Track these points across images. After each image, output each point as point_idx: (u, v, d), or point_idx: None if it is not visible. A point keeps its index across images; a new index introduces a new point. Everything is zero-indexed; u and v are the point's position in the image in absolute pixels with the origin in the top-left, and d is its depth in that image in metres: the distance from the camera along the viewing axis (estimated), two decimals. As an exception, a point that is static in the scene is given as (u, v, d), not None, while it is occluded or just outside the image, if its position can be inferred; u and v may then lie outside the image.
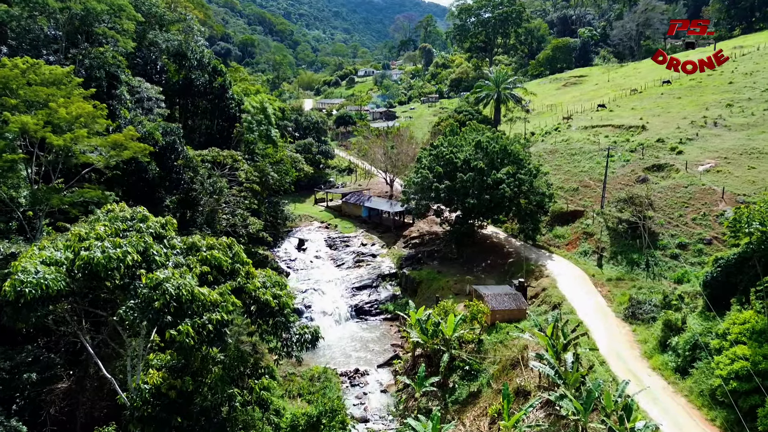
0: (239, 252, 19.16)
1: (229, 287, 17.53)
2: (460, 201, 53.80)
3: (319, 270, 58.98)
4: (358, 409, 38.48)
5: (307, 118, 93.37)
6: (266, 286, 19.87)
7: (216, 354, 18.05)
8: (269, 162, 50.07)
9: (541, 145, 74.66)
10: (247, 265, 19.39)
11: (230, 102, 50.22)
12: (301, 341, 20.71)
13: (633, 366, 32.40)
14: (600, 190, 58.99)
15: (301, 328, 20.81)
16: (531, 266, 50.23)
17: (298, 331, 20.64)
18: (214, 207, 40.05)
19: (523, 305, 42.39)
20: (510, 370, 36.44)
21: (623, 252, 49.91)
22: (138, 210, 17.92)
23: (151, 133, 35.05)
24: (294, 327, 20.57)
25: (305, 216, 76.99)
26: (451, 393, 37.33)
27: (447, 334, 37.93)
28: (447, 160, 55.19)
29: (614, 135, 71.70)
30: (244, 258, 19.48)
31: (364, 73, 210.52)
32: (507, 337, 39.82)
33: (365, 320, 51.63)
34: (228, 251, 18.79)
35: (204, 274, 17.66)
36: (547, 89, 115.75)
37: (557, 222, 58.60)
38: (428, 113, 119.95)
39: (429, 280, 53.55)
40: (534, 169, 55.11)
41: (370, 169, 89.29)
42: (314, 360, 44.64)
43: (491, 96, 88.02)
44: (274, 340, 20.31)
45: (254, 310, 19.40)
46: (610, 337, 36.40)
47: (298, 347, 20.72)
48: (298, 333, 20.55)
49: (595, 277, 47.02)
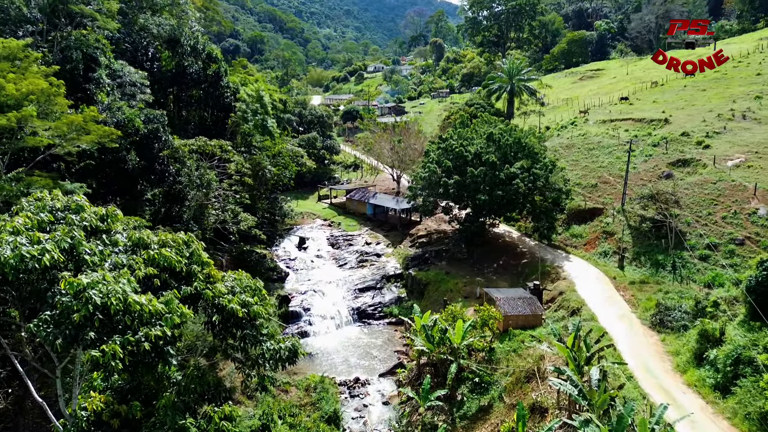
0: (198, 251, 15.83)
1: (178, 294, 14.24)
2: (471, 197, 50.24)
3: (320, 270, 55.72)
4: (356, 423, 35.15)
5: (311, 111, 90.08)
6: (233, 292, 16.58)
7: (173, 373, 14.89)
8: (266, 155, 46.87)
9: (556, 140, 70.86)
10: (207, 267, 16.04)
11: (225, 91, 47.11)
12: (276, 358, 17.35)
13: (665, 381, 28.71)
14: (620, 186, 55.18)
15: (276, 343, 17.41)
16: (546, 268, 46.58)
17: (273, 346, 17.24)
18: (202, 202, 36.93)
19: (538, 310, 38.82)
20: (524, 384, 32.90)
21: (647, 253, 46.19)
22: (74, 199, 14.74)
23: (131, 120, 32.00)
24: (267, 341, 17.21)
25: (307, 213, 73.80)
26: (459, 407, 33.88)
27: (455, 342, 34.48)
28: (457, 153, 51.65)
29: (635, 129, 67.76)
30: (204, 258, 16.13)
31: (373, 69, 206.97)
32: (521, 346, 36.30)
33: (368, 324, 48.27)
34: (184, 249, 15.50)
35: (149, 278, 14.43)
36: (563, 83, 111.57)
37: (574, 220, 54.87)
38: (438, 108, 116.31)
39: (437, 281, 50.07)
40: (550, 163, 51.41)
41: (376, 165, 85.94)
42: (312, 368, 41.37)
43: (504, 88, 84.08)
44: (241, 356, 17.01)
45: (216, 321, 16.11)
46: (637, 348, 32.70)
47: (271, 366, 17.36)
48: (273, 348, 17.13)
49: (616, 280, 43.36)
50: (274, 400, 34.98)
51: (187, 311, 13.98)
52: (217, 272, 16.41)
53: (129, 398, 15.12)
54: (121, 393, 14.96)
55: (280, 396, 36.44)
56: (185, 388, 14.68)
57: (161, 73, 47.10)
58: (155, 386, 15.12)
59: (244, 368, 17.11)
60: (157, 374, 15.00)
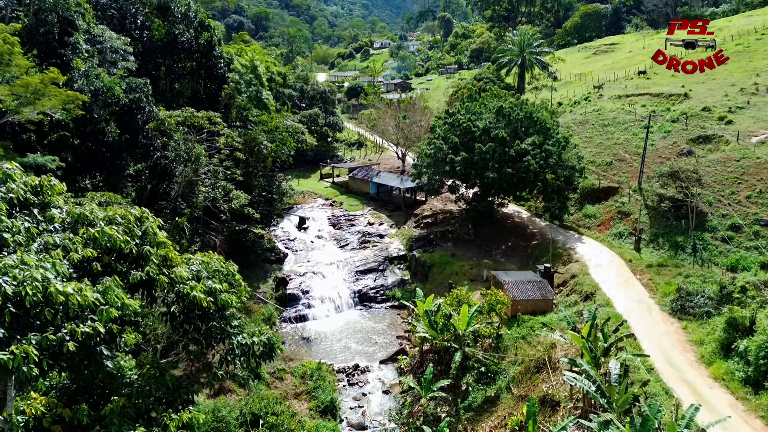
0: (152, 229, 13.40)
1: (120, 282, 11.87)
2: (478, 175, 47.54)
3: (320, 251, 53.47)
4: (355, 414, 33.16)
5: (313, 87, 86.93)
6: (198, 278, 14.21)
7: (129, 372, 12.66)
8: (262, 130, 44.28)
9: (569, 116, 67.69)
10: (163, 248, 13.61)
11: (218, 61, 44.35)
12: (248, 354, 15.01)
13: (689, 374, 26.30)
14: (637, 164, 52.28)
15: (249, 336, 15.02)
16: (558, 250, 44.06)
17: (245, 340, 14.84)
18: (191, 178, 34.56)
19: (549, 295, 36.42)
20: (534, 374, 30.65)
21: (665, 234, 43.54)
22: (5, 166, 12.39)
23: (110, 88, 29.49)
24: (238, 335, 14.83)
25: (309, 192, 71.39)
26: (463, 398, 31.76)
27: (460, 328, 32.20)
28: (464, 129, 48.80)
29: (652, 104, 64.44)
30: (160, 237, 13.67)
31: (380, 45, 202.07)
32: (530, 333, 33.99)
33: (369, 308, 46.12)
34: (135, 227, 13.07)
35: (89, 261, 12.09)
36: (576, 58, 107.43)
37: (588, 200, 52.13)
38: (446, 84, 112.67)
39: (442, 263, 47.70)
40: (563, 139, 48.48)
41: (380, 143, 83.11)
42: (309, 353, 39.40)
43: (515, 62, 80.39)
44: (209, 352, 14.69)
45: (177, 312, 13.78)
46: (657, 336, 30.26)
47: (242, 362, 15.03)
48: (244, 343, 14.75)
49: (632, 263, 40.80)
50: (267, 389, 33.14)
51: (132, 302, 11.68)
52: (176, 255, 14.03)
53: (78, 400, 13.00)
54: (67, 395, 12.83)
55: (274, 384, 34.52)
56: (138, 391, 12.52)
57: (151, 42, 44.40)
58: (108, 386, 12.99)
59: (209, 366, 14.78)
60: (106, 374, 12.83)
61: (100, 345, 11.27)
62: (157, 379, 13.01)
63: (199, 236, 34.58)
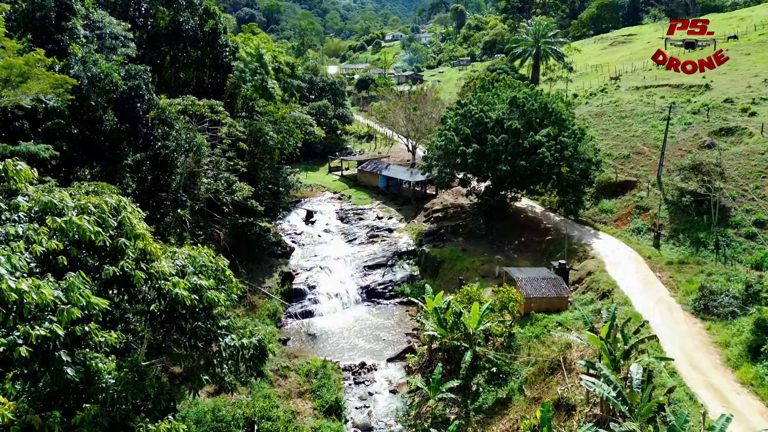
0: (128, 219, 12.11)
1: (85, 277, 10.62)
2: (491, 168, 45.95)
3: (327, 246, 52.26)
4: (360, 414, 31.98)
5: (322, 78, 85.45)
6: (183, 273, 12.95)
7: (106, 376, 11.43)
8: (268, 120, 43.04)
9: (585, 108, 65.65)
10: (141, 240, 12.34)
11: (224, 50, 43.11)
12: (237, 358, 13.75)
13: (714, 378, 24.71)
14: (656, 157, 50.37)
15: (238, 338, 13.70)
16: (573, 245, 42.43)
17: (234, 342, 13.55)
18: (193, 169, 33.45)
19: (564, 292, 34.93)
20: (548, 376, 29.27)
21: (686, 230, 41.73)
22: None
23: (108, 75, 28.39)
24: (226, 336, 13.53)
25: (317, 185, 70.13)
26: (473, 399, 30.45)
27: (470, 327, 30.82)
28: (476, 120, 47.20)
29: (672, 95, 62.27)
30: (138, 229, 12.40)
31: (391, 37, 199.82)
32: (544, 332, 32.57)
33: (377, 304, 44.86)
34: (110, 218, 11.82)
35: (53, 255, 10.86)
36: (592, 49, 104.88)
37: (604, 194, 50.33)
38: (458, 77, 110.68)
39: (452, 259, 46.27)
40: (579, 131, 46.68)
41: (390, 136, 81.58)
42: (314, 350, 38.30)
43: (529, 52, 78.23)
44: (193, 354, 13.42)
45: (158, 311, 12.54)
46: (679, 337, 28.66)
47: (230, 366, 13.72)
48: (233, 345, 13.45)
49: (651, 260, 39.12)
50: (270, 387, 32.08)
51: (99, 301, 10.48)
52: (157, 248, 12.76)
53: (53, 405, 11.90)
54: (40, 399, 11.72)
55: (277, 382, 33.46)
56: (114, 398, 11.33)
57: (155, 31, 43.31)
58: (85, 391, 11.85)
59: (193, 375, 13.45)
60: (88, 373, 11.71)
61: (59, 350, 10.09)
62: (135, 384, 11.83)
63: (200, 229, 33.52)
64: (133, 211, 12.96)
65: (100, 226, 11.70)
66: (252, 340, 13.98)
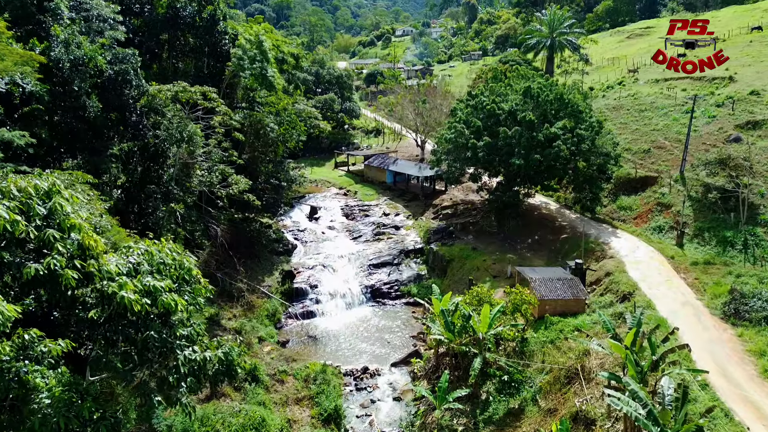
0: (60, 206, 9.98)
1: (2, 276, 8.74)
2: (503, 162, 43.60)
3: (331, 243, 50.16)
4: (361, 423, 29.87)
5: (329, 71, 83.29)
6: (137, 271, 10.83)
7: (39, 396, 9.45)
8: (269, 111, 41.01)
9: (601, 101, 62.97)
10: (77, 231, 10.21)
11: (222, 37, 41.14)
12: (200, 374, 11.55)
13: (750, 392, 22.30)
14: (677, 152, 47.76)
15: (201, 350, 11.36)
16: (590, 244, 39.97)
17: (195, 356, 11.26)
18: (186, 161, 31.50)
19: (581, 294, 32.54)
20: (564, 385, 26.96)
21: (711, 228, 39.18)
22: None
23: (91, 58, 26.47)
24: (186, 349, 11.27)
25: (322, 181, 68.02)
26: (483, 409, 28.24)
27: (480, 331, 28.60)
28: (488, 111, 44.82)
29: (694, 88, 59.36)
30: (73, 220, 10.28)
31: (402, 32, 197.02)
32: (560, 337, 30.23)
33: (382, 304, 42.70)
34: (37, 205, 9.69)
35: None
36: (608, 43, 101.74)
37: (623, 190, 47.76)
38: (469, 71, 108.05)
39: (462, 258, 43.98)
40: (596, 123, 44.12)
41: (399, 131, 79.27)
42: (315, 353, 36.26)
43: (543, 43, 75.34)
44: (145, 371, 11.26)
45: (100, 319, 10.38)
46: (708, 345, 26.24)
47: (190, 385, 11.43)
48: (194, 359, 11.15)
49: (674, 260, 36.64)
50: (265, 393, 30.12)
51: (8, 307, 8.50)
52: (99, 241, 10.62)
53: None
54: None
55: (274, 387, 31.48)
56: (42, 423, 9.32)
57: (152, 17, 41.45)
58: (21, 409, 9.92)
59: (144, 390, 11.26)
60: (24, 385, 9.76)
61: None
62: (69, 406, 9.81)
63: (192, 224, 31.56)
64: (71, 196, 10.86)
65: (24, 214, 9.70)
66: (217, 353, 11.80)
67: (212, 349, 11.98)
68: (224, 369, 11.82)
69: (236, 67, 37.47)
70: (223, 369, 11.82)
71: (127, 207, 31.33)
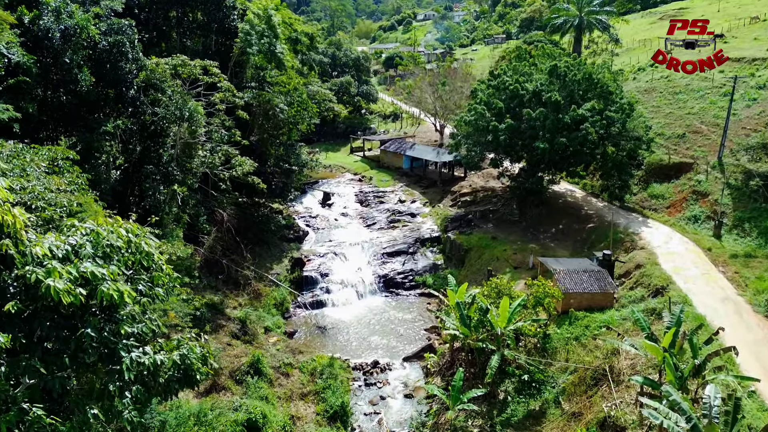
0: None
1: None
2: (526, 146, 41.00)
3: (344, 230, 48.23)
4: (369, 422, 28.00)
5: (346, 53, 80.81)
6: (77, 255, 8.84)
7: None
8: (279, 91, 39.02)
9: (632, 84, 59.52)
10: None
11: (231, 12, 39.15)
12: (150, 381, 9.56)
13: (805, 403, 19.68)
14: (715, 137, 44.52)
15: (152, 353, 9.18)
16: (619, 234, 37.29)
17: (145, 359, 9.10)
18: (187, 140, 29.71)
19: (609, 287, 30.09)
20: (590, 387, 24.65)
21: (753, 218, 36.25)
22: None
23: (83, 28, 24.71)
24: (133, 351, 9.18)
25: (337, 166, 65.95)
26: (501, 410, 26.15)
27: (498, 326, 26.39)
28: (511, 92, 42.16)
29: (733, 70, 55.42)
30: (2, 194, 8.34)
31: (423, 17, 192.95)
32: (585, 334, 27.89)
33: (396, 295, 40.69)
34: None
35: None
36: (639, 24, 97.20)
37: (654, 177, 44.71)
38: (492, 55, 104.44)
39: (480, 247, 41.66)
40: (627, 105, 41.09)
41: (417, 115, 76.63)
42: (323, 345, 34.50)
43: (571, 23, 71.56)
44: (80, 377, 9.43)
45: (16, 311, 8.24)
46: (753, 346, 23.65)
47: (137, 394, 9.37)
48: (144, 364, 9.04)
49: (712, 252, 33.88)
50: (268, 387, 28.42)
51: None
52: (17, 218, 8.64)
53: None
54: None
55: (278, 381, 29.78)
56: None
57: (160, -7, 39.64)
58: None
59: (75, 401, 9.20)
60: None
61: None
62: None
63: (192, 208, 29.84)
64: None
65: None
66: (172, 356, 9.74)
67: (167, 350, 10.05)
68: (180, 375, 9.84)
69: (243, 42, 35.50)
70: (179, 375, 9.84)
71: (126, 189, 29.74)
